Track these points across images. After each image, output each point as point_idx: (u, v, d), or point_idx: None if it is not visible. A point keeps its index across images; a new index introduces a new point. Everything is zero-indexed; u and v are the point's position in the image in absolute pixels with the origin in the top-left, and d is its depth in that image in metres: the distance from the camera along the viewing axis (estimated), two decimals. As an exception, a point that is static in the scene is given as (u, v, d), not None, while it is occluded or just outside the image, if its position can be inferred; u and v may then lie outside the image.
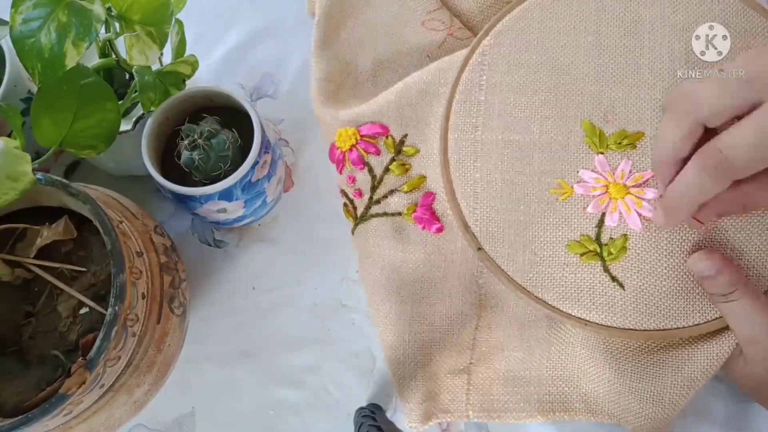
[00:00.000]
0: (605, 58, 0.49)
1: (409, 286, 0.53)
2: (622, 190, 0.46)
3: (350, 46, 0.59)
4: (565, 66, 0.50)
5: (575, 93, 0.49)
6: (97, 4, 0.42)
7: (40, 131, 0.43)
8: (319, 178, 0.60)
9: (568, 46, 0.50)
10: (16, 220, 0.47)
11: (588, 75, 0.49)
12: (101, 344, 0.39)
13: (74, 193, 0.43)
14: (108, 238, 0.42)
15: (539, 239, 0.48)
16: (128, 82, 0.53)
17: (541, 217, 0.48)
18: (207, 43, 0.65)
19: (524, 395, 0.51)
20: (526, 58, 0.50)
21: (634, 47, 0.49)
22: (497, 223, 0.49)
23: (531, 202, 0.48)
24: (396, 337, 0.52)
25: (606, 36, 0.50)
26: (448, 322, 0.52)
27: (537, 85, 0.50)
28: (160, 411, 0.54)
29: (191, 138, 0.49)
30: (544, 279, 0.48)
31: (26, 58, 0.41)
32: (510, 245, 0.48)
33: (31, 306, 0.46)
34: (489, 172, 0.49)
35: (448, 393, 0.52)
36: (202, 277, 0.59)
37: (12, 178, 0.39)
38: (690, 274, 0.45)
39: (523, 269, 0.48)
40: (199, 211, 0.52)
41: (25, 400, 0.41)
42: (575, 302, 0.47)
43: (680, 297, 0.45)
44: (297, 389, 0.55)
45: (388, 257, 0.53)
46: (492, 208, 0.49)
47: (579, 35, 0.50)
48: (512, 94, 0.50)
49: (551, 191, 0.48)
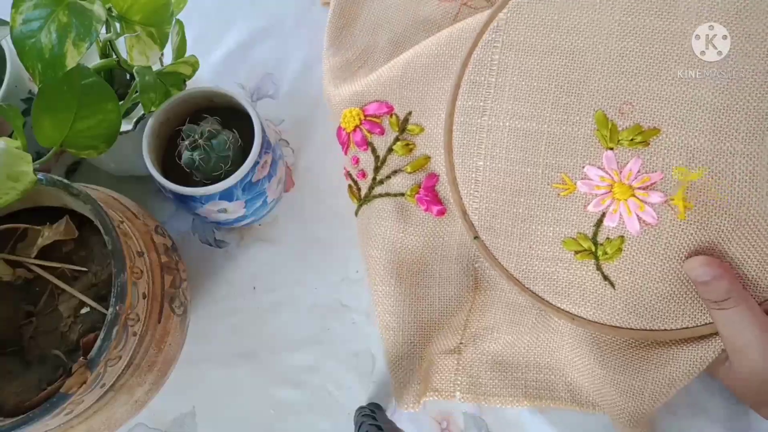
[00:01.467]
0: (631, 41, 0.45)
1: (408, 267, 0.52)
2: (627, 191, 0.45)
3: (366, 32, 0.58)
4: (585, 48, 0.46)
5: (592, 80, 0.46)
6: (97, 5, 0.42)
7: (40, 131, 0.43)
8: (319, 179, 0.61)
9: (591, 24, 0.46)
10: (17, 220, 0.47)
11: (609, 59, 0.46)
12: (102, 344, 0.39)
13: (75, 193, 0.43)
14: (109, 238, 0.42)
15: (536, 233, 0.48)
16: (129, 82, 0.53)
17: (541, 211, 0.48)
18: (207, 43, 0.65)
19: (511, 380, 0.51)
20: (542, 38, 0.47)
21: (665, 31, 0.45)
22: (495, 214, 0.48)
23: (532, 195, 0.48)
24: (395, 318, 0.52)
25: (635, 14, 0.45)
26: (445, 303, 0.52)
27: (552, 69, 0.47)
28: (160, 410, 0.55)
29: (192, 138, 0.49)
30: (536, 272, 0.48)
31: (27, 58, 0.41)
32: (506, 236, 0.48)
33: (32, 306, 0.46)
34: (492, 160, 0.48)
35: (438, 373, 0.53)
36: (203, 276, 0.59)
37: (13, 178, 0.40)
38: (684, 279, 0.44)
39: (517, 261, 0.48)
40: (199, 211, 0.52)
41: (25, 399, 0.42)
42: (564, 296, 0.47)
43: (671, 300, 0.45)
44: (297, 389, 0.55)
45: (390, 238, 0.53)
46: (491, 197, 0.49)
47: (604, 12, 0.46)
48: (524, 78, 0.48)
49: (554, 185, 0.47)
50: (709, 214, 0.44)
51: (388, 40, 0.58)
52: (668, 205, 0.44)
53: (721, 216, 0.43)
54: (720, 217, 0.43)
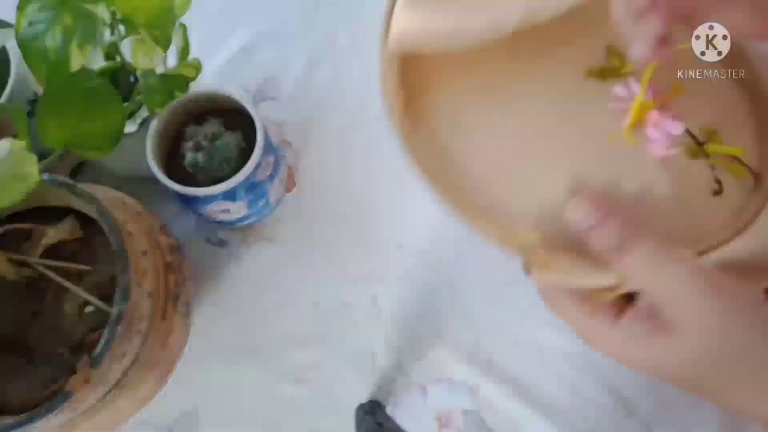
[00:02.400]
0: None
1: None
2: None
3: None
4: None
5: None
6: (102, 8, 0.42)
7: (45, 132, 0.43)
8: (320, 179, 0.61)
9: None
10: (22, 219, 0.47)
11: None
12: (106, 342, 0.40)
13: (80, 193, 0.44)
14: (113, 238, 0.42)
15: None
16: (133, 84, 0.54)
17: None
18: (210, 46, 0.66)
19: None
20: None
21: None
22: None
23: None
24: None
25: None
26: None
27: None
28: (164, 408, 0.55)
29: (195, 140, 0.50)
30: None
31: (32, 60, 0.42)
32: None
33: (36, 305, 0.46)
34: None
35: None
36: (206, 276, 0.59)
37: (18, 178, 0.40)
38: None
39: None
40: (203, 212, 0.52)
41: (30, 397, 0.42)
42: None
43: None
44: (299, 386, 0.56)
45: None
46: None
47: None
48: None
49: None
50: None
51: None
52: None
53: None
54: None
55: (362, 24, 0.67)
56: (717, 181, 0.42)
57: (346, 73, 0.65)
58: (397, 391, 0.54)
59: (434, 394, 0.54)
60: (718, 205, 0.41)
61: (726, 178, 0.42)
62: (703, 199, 0.41)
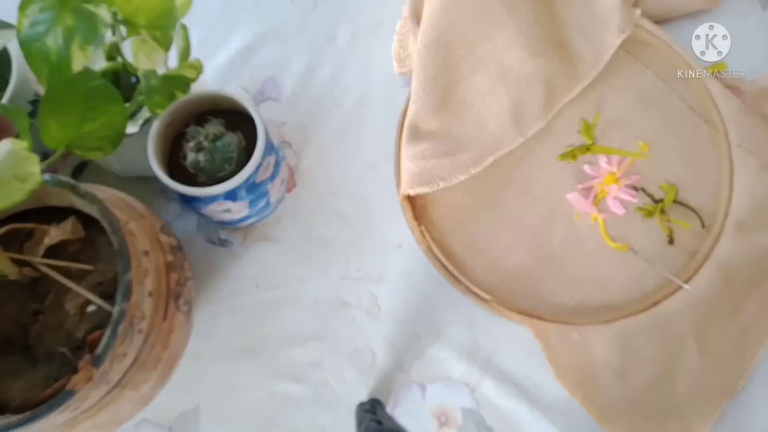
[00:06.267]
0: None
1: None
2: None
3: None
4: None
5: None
6: (103, 9, 0.42)
7: (47, 133, 0.43)
8: (321, 179, 0.61)
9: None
10: (24, 219, 0.48)
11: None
12: (108, 341, 0.40)
13: (82, 193, 0.44)
14: (115, 238, 0.42)
15: None
16: (134, 85, 0.54)
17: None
18: (211, 47, 0.66)
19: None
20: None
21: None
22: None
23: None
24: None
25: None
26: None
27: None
28: (165, 406, 0.55)
29: (197, 140, 0.50)
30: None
31: (33, 61, 0.42)
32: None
33: (38, 304, 0.47)
34: None
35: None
36: (208, 275, 0.59)
37: (20, 178, 0.40)
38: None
39: None
40: (204, 212, 0.52)
41: (32, 396, 0.42)
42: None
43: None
44: (299, 384, 0.56)
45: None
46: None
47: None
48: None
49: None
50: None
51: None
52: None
53: None
54: None
55: (362, 25, 0.67)
56: (669, 233, 0.56)
57: (346, 73, 0.66)
58: (397, 390, 0.55)
59: (434, 392, 0.55)
60: (672, 252, 0.55)
61: (678, 228, 0.56)
62: (660, 247, 0.55)
